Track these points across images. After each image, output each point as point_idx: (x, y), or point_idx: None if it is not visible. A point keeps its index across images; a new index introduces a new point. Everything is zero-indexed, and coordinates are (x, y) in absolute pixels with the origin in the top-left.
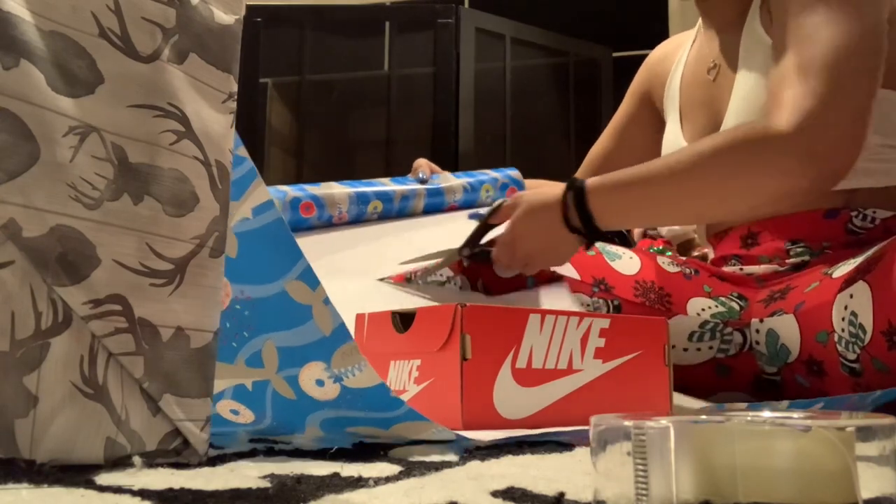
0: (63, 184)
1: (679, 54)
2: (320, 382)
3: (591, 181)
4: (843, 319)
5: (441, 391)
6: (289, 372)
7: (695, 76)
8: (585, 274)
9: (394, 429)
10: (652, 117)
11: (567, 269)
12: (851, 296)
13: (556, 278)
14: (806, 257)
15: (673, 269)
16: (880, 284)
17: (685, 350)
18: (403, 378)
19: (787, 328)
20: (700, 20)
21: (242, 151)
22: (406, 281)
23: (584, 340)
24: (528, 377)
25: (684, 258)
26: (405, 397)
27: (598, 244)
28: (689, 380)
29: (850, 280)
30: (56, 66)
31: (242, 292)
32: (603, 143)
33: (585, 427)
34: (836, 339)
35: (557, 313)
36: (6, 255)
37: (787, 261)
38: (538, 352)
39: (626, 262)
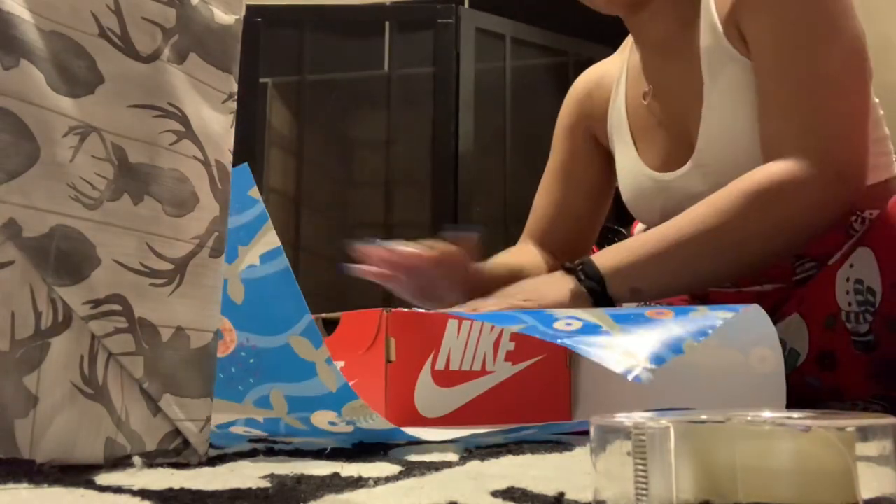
0: (63, 184)
1: (611, 81)
2: (333, 423)
3: (605, 265)
4: (847, 293)
5: (365, 391)
6: (300, 415)
7: (641, 97)
8: None
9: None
10: (596, 152)
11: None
12: (852, 265)
13: None
14: (813, 272)
15: None
16: (882, 242)
17: None
18: None
19: (792, 330)
20: (629, 40)
21: (254, 193)
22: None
23: (497, 344)
24: (447, 378)
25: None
26: None
27: None
28: None
29: (845, 255)
30: (56, 66)
31: (248, 340)
32: (550, 192)
33: (573, 423)
34: (843, 317)
35: (473, 318)
36: (6, 255)
37: (793, 279)
38: (455, 354)
39: None
